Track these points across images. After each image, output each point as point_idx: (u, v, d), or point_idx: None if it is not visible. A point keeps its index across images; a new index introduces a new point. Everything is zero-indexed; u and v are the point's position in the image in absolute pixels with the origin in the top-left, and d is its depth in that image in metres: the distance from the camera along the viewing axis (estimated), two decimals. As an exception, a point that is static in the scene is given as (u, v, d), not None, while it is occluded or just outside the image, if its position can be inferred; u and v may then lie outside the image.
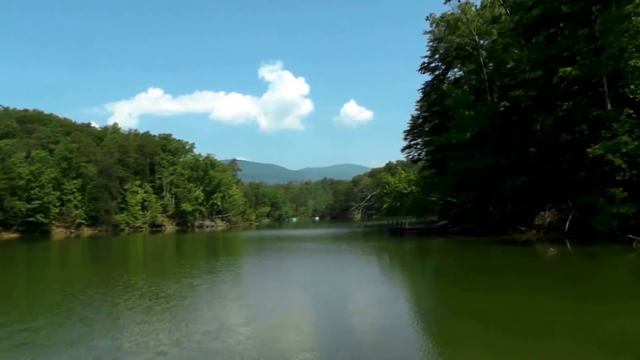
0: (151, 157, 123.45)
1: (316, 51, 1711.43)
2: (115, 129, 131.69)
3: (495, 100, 41.30)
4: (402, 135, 76.90)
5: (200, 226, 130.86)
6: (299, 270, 27.46)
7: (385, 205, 48.97)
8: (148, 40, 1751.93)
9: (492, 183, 36.53)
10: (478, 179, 37.51)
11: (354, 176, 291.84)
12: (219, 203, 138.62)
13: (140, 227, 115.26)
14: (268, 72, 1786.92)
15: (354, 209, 62.03)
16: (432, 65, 55.09)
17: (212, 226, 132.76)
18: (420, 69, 57.02)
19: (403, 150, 76.89)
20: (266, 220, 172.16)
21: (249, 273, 27.10)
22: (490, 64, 42.82)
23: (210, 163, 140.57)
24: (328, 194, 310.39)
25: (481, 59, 42.79)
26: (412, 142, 74.81)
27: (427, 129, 68.73)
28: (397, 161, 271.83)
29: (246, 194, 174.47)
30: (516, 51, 39.25)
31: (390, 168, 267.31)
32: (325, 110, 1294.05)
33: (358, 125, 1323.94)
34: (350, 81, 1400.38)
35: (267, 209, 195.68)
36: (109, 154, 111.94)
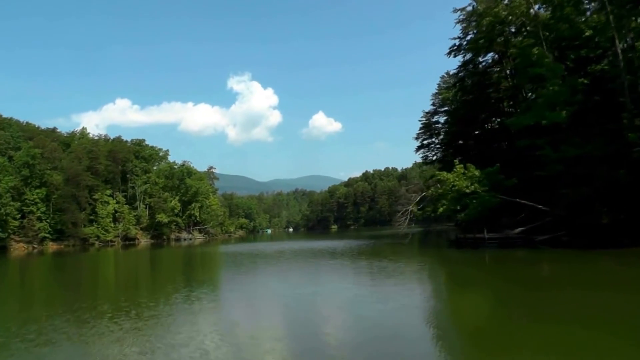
0: (123, 164, 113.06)
1: (286, 62, 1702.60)
2: (83, 134, 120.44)
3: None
4: (414, 136, 71.70)
5: (177, 239, 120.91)
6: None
7: (440, 209, 39.84)
8: (114, 48, 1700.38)
9: (601, 177, 29.72)
10: (583, 171, 30.40)
11: (330, 186, 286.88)
12: (197, 214, 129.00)
13: (111, 240, 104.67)
14: (237, 82, 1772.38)
15: (400, 215, 47.43)
16: (464, 46, 49.06)
17: (190, 239, 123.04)
18: (450, 52, 51.26)
19: (417, 150, 71.27)
20: (240, 232, 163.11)
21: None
22: (551, 35, 36.99)
23: (186, 171, 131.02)
24: (301, 205, 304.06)
25: (540, 31, 36.96)
26: (426, 142, 69.32)
27: (446, 122, 63.23)
28: (374, 170, 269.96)
29: (221, 205, 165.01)
30: (594, 16, 33.86)
31: (367, 177, 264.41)
32: (294, 121, 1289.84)
33: (327, 137, 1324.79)
34: (320, 92, 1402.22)
35: (246, 221, 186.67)
36: (77, 160, 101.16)
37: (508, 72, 46.96)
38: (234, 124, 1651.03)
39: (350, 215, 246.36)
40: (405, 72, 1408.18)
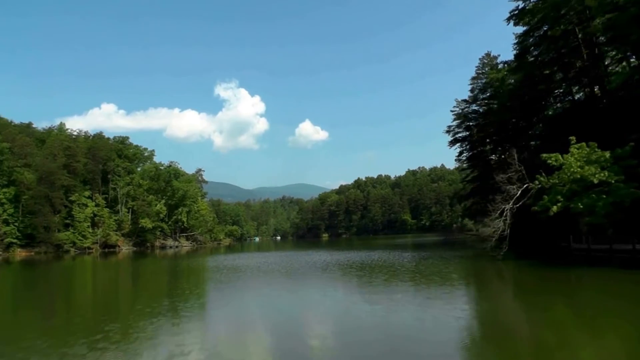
0: (104, 164, 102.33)
1: (273, 69, 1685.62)
2: (61, 129, 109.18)
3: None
4: (445, 129, 63.60)
5: (162, 246, 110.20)
6: None
7: (554, 208, 27.17)
8: (101, 51, 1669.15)
9: None
10: None
11: (321, 193, 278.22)
12: (184, 219, 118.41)
13: (89, 248, 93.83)
14: (224, 89, 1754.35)
15: (493, 218, 34.56)
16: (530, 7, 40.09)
17: (176, 246, 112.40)
18: (510, 18, 42.34)
19: (451, 145, 62.81)
20: (227, 240, 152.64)
21: None
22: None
23: (173, 172, 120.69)
24: (289, 213, 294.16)
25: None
26: (460, 136, 60.94)
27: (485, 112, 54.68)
28: (367, 177, 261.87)
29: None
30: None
31: (359, 185, 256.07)
32: (281, 129, 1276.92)
33: (313, 146, 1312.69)
34: (307, 101, 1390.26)
35: (236, 228, 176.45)
36: (52, 157, 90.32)
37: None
38: (221, 131, 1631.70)
39: (342, 224, 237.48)
40: (396, 77, 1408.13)
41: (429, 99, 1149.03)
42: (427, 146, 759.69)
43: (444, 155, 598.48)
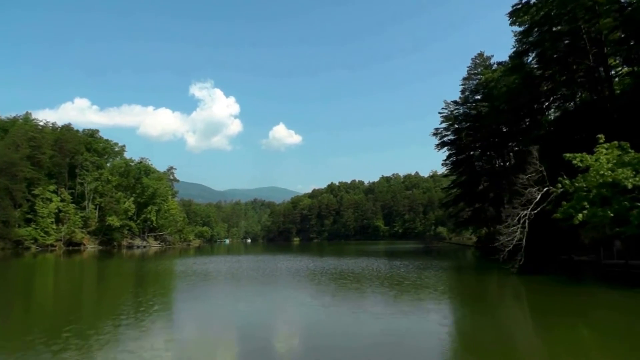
0: (72, 157, 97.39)
1: (249, 71, 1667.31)
2: (27, 119, 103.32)
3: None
4: (432, 131, 62.73)
5: (130, 246, 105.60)
6: None
7: (579, 216, 22.83)
8: (75, 45, 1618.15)
9: None
10: None
11: (293, 197, 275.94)
12: (153, 218, 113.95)
13: (52, 245, 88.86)
14: (199, 89, 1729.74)
15: (510, 224, 32.21)
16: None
17: (144, 246, 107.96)
18: (512, 13, 41.12)
19: (438, 148, 61.78)
20: (197, 241, 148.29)
21: None
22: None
23: (144, 169, 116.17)
24: (260, 216, 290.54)
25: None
26: (449, 139, 60.05)
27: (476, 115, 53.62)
28: (340, 182, 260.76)
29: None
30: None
31: (332, 189, 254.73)
32: (255, 132, 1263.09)
33: (287, 149, 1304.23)
34: (281, 104, 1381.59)
35: (207, 229, 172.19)
36: (14, 147, 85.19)
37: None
38: (194, 130, 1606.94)
39: (314, 228, 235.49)
40: (367, 85, 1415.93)
41: (405, 106, 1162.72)
42: (401, 153, 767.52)
43: (419, 163, 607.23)
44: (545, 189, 27.03)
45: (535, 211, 26.75)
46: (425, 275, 29.32)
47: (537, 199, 26.65)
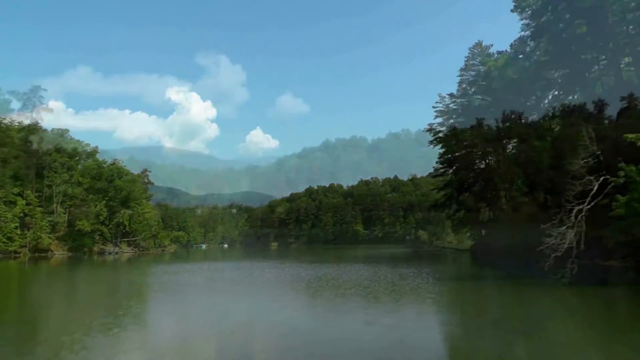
0: (39, 158, 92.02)
1: (226, 75, 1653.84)
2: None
3: None
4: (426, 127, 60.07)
5: (101, 252, 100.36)
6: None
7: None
8: (50, 48, 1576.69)
9: None
10: None
11: (270, 201, 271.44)
12: (127, 223, 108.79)
13: (16, 252, 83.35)
14: (175, 92, 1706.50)
15: (561, 221, 19.93)
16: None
17: (117, 253, 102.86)
18: None
19: (432, 145, 58.60)
20: (173, 247, 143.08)
21: None
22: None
23: (117, 171, 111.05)
24: (238, 220, 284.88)
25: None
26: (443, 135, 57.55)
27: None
28: (319, 186, 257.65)
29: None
30: None
31: (311, 193, 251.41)
32: (232, 136, 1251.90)
33: (264, 153, 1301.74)
34: (258, 108, 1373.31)
35: (183, 234, 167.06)
36: (-24, 146, 79.80)
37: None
38: (171, 134, 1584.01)
39: (292, 233, 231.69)
40: (348, 93, 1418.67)
41: (381, 111, 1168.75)
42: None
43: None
44: (601, 179, 22.67)
45: (589, 206, 22.17)
46: (458, 290, 24.60)
47: (594, 191, 22.16)
